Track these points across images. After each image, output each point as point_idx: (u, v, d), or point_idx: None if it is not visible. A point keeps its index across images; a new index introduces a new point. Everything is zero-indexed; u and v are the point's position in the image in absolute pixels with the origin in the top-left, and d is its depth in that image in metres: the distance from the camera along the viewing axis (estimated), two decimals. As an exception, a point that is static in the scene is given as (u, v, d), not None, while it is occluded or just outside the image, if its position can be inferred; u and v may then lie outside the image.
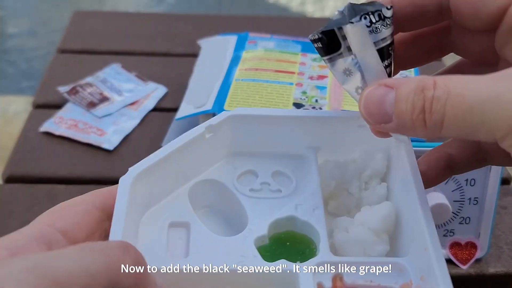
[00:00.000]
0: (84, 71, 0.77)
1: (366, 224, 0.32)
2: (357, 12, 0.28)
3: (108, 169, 0.64)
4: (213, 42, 0.75)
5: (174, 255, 0.30)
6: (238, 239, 0.31)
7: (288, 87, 0.64)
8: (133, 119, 0.71)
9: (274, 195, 0.34)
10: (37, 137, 0.68)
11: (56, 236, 0.28)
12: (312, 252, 0.31)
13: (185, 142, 0.32)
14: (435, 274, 0.28)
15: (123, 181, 0.30)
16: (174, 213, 0.32)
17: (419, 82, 0.26)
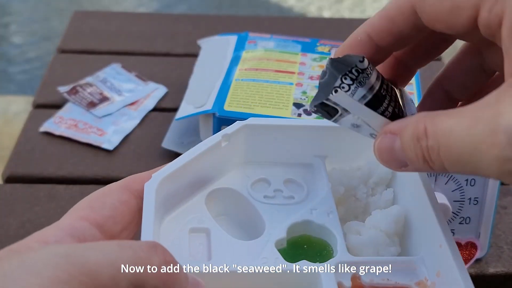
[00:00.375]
0: (84, 71, 0.77)
1: (378, 226, 0.33)
2: (338, 71, 0.29)
3: (108, 169, 0.64)
4: (213, 42, 0.75)
5: (197, 260, 0.31)
6: (258, 243, 0.32)
7: (288, 87, 0.64)
8: (133, 119, 0.71)
9: (288, 201, 0.35)
10: (37, 137, 0.68)
11: (91, 231, 0.28)
12: (329, 254, 0.32)
13: (203, 150, 0.33)
14: (453, 268, 0.29)
15: (148, 186, 0.30)
16: (193, 219, 0.33)
17: (414, 129, 0.27)
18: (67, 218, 0.29)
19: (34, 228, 0.57)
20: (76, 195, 0.60)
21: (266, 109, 0.60)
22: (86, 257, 0.23)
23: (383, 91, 0.30)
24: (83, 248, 0.24)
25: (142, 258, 0.24)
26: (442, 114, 0.26)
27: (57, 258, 0.23)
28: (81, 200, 0.30)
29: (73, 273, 0.22)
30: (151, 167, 0.67)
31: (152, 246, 0.25)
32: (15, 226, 0.57)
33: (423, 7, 0.28)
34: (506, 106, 0.24)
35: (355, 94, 0.29)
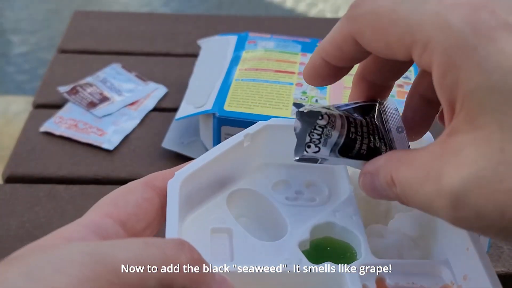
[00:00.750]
0: (84, 71, 0.77)
1: (401, 230, 0.33)
2: (305, 127, 0.31)
3: (108, 169, 0.64)
4: (213, 42, 0.75)
5: (219, 260, 0.31)
6: (281, 244, 0.32)
7: (288, 87, 0.64)
8: (133, 119, 0.71)
9: (310, 203, 0.34)
10: (37, 137, 0.68)
11: (115, 228, 0.28)
12: (353, 256, 0.32)
13: (225, 149, 0.33)
14: (481, 272, 0.29)
15: (171, 184, 0.30)
16: (215, 219, 0.33)
17: (384, 176, 0.29)
18: (90, 215, 0.29)
19: (34, 228, 0.57)
20: (76, 195, 0.60)
21: (266, 109, 0.60)
22: (113, 255, 0.23)
23: (351, 134, 0.31)
24: (109, 246, 0.23)
25: (170, 256, 0.24)
26: (403, 163, 0.27)
27: (84, 256, 0.22)
28: (104, 197, 0.30)
29: (100, 271, 0.22)
30: (151, 167, 0.67)
31: (179, 244, 0.25)
32: (15, 226, 0.57)
33: (362, 41, 0.29)
34: (446, 164, 0.25)
35: (326, 147, 0.31)
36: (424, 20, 0.26)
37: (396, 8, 0.27)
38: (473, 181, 0.24)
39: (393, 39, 0.27)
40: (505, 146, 0.23)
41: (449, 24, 0.25)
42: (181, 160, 0.64)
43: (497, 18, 0.25)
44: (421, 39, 0.26)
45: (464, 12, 0.25)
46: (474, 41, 0.24)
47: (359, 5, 0.29)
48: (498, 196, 0.23)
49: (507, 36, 0.24)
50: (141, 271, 0.23)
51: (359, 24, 0.28)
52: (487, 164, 0.23)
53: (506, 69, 0.24)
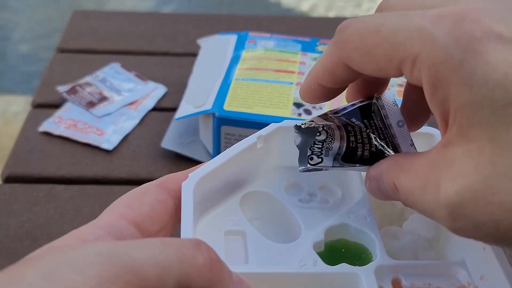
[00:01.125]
0: (83, 71, 0.77)
1: (416, 231, 0.33)
2: (306, 141, 0.32)
3: (107, 169, 0.64)
4: (213, 42, 0.75)
5: (234, 262, 0.30)
6: (296, 245, 0.31)
7: (288, 86, 0.63)
8: (132, 118, 0.70)
9: (323, 205, 0.34)
10: (36, 137, 0.67)
11: (130, 229, 0.28)
12: (368, 257, 0.32)
13: (238, 151, 0.33)
14: (498, 271, 0.28)
15: (185, 186, 0.30)
16: (229, 221, 0.32)
17: (387, 182, 0.29)
18: (105, 216, 0.28)
19: (33, 228, 0.57)
20: (75, 195, 0.60)
21: (266, 108, 0.60)
22: (131, 255, 0.22)
23: (352, 144, 0.31)
24: (127, 246, 0.23)
25: (188, 256, 0.24)
26: (404, 170, 0.28)
27: (102, 256, 0.22)
28: (119, 198, 0.30)
29: (118, 271, 0.22)
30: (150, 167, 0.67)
31: (197, 243, 0.24)
32: (14, 226, 0.57)
33: (352, 65, 0.29)
34: (442, 175, 0.25)
35: (328, 157, 0.31)
36: (409, 36, 0.26)
37: (380, 28, 0.27)
38: (468, 193, 0.24)
39: (382, 60, 0.27)
40: (496, 159, 0.23)
41: (433, 38, 0.25)
42: (181, 160, 0.64)
43: (481, 28, 0.25)
44: (409, 57, 0.26)
45: (448, 25, 0.25)
46: (460, 55, 0.24)
47: (345, 29, 0.29)
48: (492, 209, 0.23)
49: (493, 47, 0.24)
50: (159, 271, 0.23)
51: (347, 49, 0.28)
52: (479, 177, 0.24)
53: (493, 82, 0.24)
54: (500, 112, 0.23)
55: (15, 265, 0.22)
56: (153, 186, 0.30)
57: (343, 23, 0.29)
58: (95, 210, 0.59)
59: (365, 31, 0.27)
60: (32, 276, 0.21)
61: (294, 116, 0.60)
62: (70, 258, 0.22)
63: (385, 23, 0.27)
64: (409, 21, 0.26)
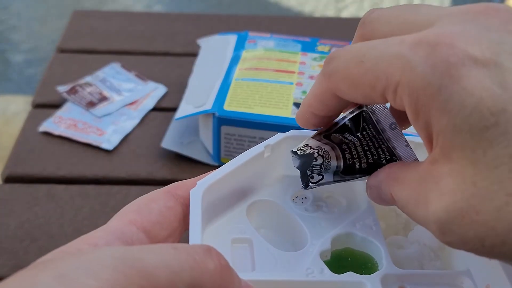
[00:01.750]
0: (83, 71, 0.77)
1: (421, 241, 0.33)
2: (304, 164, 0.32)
3: (107, 169, 0.64)
4: (213, 42, 0.75)
5: (240, 270, 0.30)
6: (303, 254, 0.32)
7: (288, 86, 0.63)
8: (132, 118, 0.70)
9: (330, 215, 0.34)
10: (36, 137, 0.67)
11: (139, 235, 0.28)
12: (374, 266, 0.32)
13: (246, 160, 0.33)
14: (504, 280, 0.29)
15: (194, 193, 0.30)
16: (235, 229, 0.33)
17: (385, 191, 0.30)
18: (115, 222, 0.29)
19: (33, 228, 0.57)
20: (75, 195, 0.60)
21: (266, 109, 0.60)
22: (143, 259, 0.23)
23: (348, 161, 0.32)
24: (139, 251, 0.23)
25: (198, 261, 0.24)
26: (398, 182, 0.29)
27: (115, 260, 0.22)
28: (128, 205, 0.30)
29: (131, 276, 0.22)
30: (150, 167, 0.67)
31: (207, 249, 0.25)
32: (14, 226, 0.57)
33: (341, 95, 0.30)
34: (430, 191, 0.26)
35: (328, 173, 0.32)
36: (389, 65, 0.27)
37: (363, 58, 0.28)
38: (453, 211, 0.25)
39: (367, 89, 0.28)
40: (476, 180, 0.24)
41: (411, 65, 0.26)
42: (181, 160, 0.64)
43: (456, 53, 0.25)
44: (390, 85, 0.27)
45: (424, 51, 0.26)
46: (437, 81, 0.25)
47: (332, 61, 0.30)
48: (476, 227, 0.24)
49: (468, 71, 0.25)
50: (171, 276, 0.23)
51: (334, 80, 0.29)
52: (463, 196, 0.25)
53: (470, 107, 0.24)
54: (477, 135, 0.24)
55: (26, 269, 0.22)
56: (162, 193, 0.31)
57: (330, 54, 0.30)
58: (95, 210, 0.59)
59: (349, 62, 0.28)
60: (47, 279, 0.21)
61: (294, 116, 0.60)
62: (83, 262, 0.22)
63: (368, 53, 0.28)
64: (389, 49, 0.27)
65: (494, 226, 0.24)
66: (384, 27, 0.30)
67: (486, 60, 0.25)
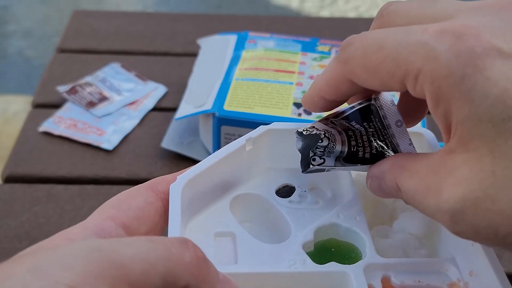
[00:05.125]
0: (83, 71, 0.77)
1: (406, 229, 0.33)
2: (308, 145, 0.32)
3: (107, 169, 0.64)
4: (213, 42, 0.75)
5: (223, 263, 0.31)
6: (285, 246, 0.32)
7: (288, 86, 0.63)
8: (132, 118, 0.70)
9: (314, 206, 0.34)
10: (36, 137, 0.67)
11: (118, 231, 0.28)
12: (358, 256, 0.32)
13: (227, 153, 0.33)
14: (487, 266, 0.29)
15: (173, 188, 0.30)
16: (218, 223, 0.33)
17: (389, 182, 0.30)
18: (94, 217, 0.29)
19: (33, 228, 0.57)
20: (75, 195, 0.60)
21: (266, 108, 0.60)
22: (118, 251, 0.23)
23: (353, 148, 0.32)
24: (115, 243, 0.24)
25: (174, 253, 0.24)
26: (406, 170, 0.29)
27: (88, 252, 0.22)
28: (108, 201, 0.30)
29: (105, 267, 0.22)
30: (150, 167, 0.67)
31: (184, 241, 0.25)
32: (14, 226, 0.57)
33: (357, 81, 0.30)
34: (443, 180, 0.26)
35: (330, 158, 0.32)
36: (412, 52, 0.26)
37: (383, 44, 0.27)
38: (469, 200, 0.25)
39: (386, 76, 0.28)
40: (496, 170, 0.24)
41: (435, 54, 0.26)
42: (181, 160, 0.64)
43: (481, 43, 0.25)
44: (411, 72, 0.26)
45: (449, 40, 0.26)
46: (461, 70, 0.25)
47: (349, 46, 0.29)
48: (491, 216, 0.24)
49: (493, 62, 0.25)
50: (145, 267, 0.23)
51: (351, 66, 0.29)
52: (480, 185, 0.25)
53: (493, 97, 0.24)
54: (499, 126, 0.24)
55: (4, 263, 0.23)
56: (142, 188, 0.31)
57: (347, 39, 0.30)
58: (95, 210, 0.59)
59: (368, 47, 0.28)
60: (21, 272, 0.21)
61: (294, 116, 0.60)
62: (59, 254, 0.22)
63: (388, 39, 0.27)
64: (411, 37, 0.27)
65: (511, 215, 0.24)
66: (402, 19, 0.29)
67: (510, 52, 0.25)
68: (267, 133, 0.35)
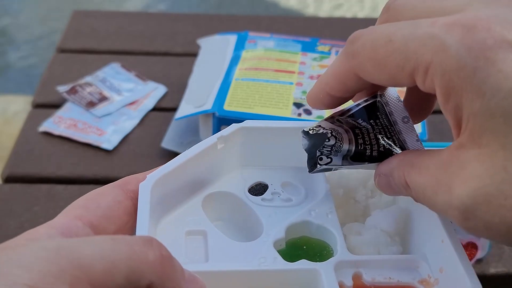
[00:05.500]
0: (83, 71, 0.77)
1: (378, 226, 0.33)
2: (315, 144, 0.32)
3: (107, 169, 0.64)
4: (213, 42, 0.75)
5: (194, 261, 0.31)
6: (256, 244, 0.32)
7: (288, 86, 0.63)
8: (132, 118, 0.70)
9: (286, 204, 0.34)
10: (36, 137, 0.67)
11: (85, 230, 0.28)
12: (329, 254, 0.32)
13: (198, 152, 0.33)
14: (456, 263, 0.29)
15: (143, 187, 0.30)
16: (190, 222, 0.33)
17: (398, 178, 0.29)
18: (61, 217, 0.28)
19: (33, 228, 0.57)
20: (75, 195, 0.60)
21: (266, 108, 0.60)
22: (78, 251, 0.23)
23: (360, 146, 0.32)
24: (75, 242, 0.23)
25: (137, 252, 0.24)
26: (415, 167, 0.28)
27: (48, 251, 0.22)
28: (76, 200, 0.30)
29: (64, 266, 0.22)
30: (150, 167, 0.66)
31: (148, 240, 0.25)
32: (14, 226, 0.57)
33: (364, 76, 0.29)
34: (454, 176, 0.26)
35: (337, 157, 0.32)
36: (421, 45, 0.26)
37: (392, 37, 0.27)
38: (480, 196, 0.25)
39: (394, 70, 0.27)
40: (508, 165, 0.24)
41: (445, 46, 0.25)
42: (181, 160, 0.64)
43: (493, 36, 0.25)
44: (421, 65, 0.26)
45: (459, 33, 0.25)
46: (472, 63, 0.25)
47: (356, 40, 0.29)
48: (504, 212, 0.24)
49: (505, 55, 0.24)
50: (107, 266, 0.23)
51: (359, 59, 0.29)
52: (492, 181, 0.24)
53: (505, 91, 0.24)
54: (511, 120, 0.24)
55: None
56: (111, 187, 0.31)
57: (354, 33, 0.29)
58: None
59: (376, 41, 0.28)
60: None
61: (294, 116, 0.60)
62: (17, 254, 0.22)
63: (396, 32, 0.27)
64: (420, 30, 0.26)
65: None
66: (409, 13, 0.29)
67: None
68: (240, 131, 0.35)
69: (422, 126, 0.61)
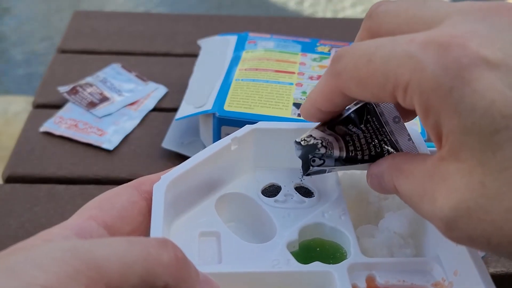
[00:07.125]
0: (84, 71, 0.77)
1: (392, 228, 0.33)
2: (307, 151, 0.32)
3: (108, 169, 0.64)
4: (213, 42, 0.75)
5: (207, 263, 0.31)
6: (270, 245, 0.32)
7: (288, 87, 0.64)
8: (133, 119, 0.71)
9: (299, 205, 0.34)
10: (37, 137, 0.67)
11: (99, 231, 0.28)
12: (342, 256, 0.32)
13: (212, 153, 0.33)
14: (470, 266, 0.29)
15: (157, 188, 0.30)
16: (203, 223, 0.33)
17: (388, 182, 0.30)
18: (75, 218, 0.29)
19: (33, 228, 0.57)
20: (76, 195, 0.60)
21: (266, 109, 0.60)
22: (94, 252, 0.23)
23: (351, 153, 0.32)
24: (90, 243, 0.23)
25: (153, 254, 0.24)
26: (403, 173, 0.29)
27: (64, 252, 0.22)
28: (91, 201, 0.30)
29: (80, 268, 0.22)
30: (151, 167, 0.67)
31: (163, 242, 0.25)
32: (14, 226, 0.57)
33: (349, 94, 0.30)
34: (437, 187, 0.26)
35: (330, 159, 0.32)
36: (399, 65, 0.26)
37: (372, 57, 0.28)
38: (461, 210, 0.25)
39: (376, 89, 0.28)
40: (485, 180, 0.25)
41: (422, 66, 0.26)
42: (181, 160, 0.64)
43: (468, 54, 0.25)
44: (400, 85, 0.26)
45: (435, 52, 0.25)
46: (448, 83, 0.25)
47: (339, 59, 0.29)
48: (483, 226, 0.25)
49: (480, 73, 0.25)
50: (123, 268, 0.23)
51: (342, 79, 0.29)
52: (471, 195, 0.25)
53: (481, 110, 0.24)
54: (487, 138, 0.24)
55: None
56: (126, 188, 0.31)
57: (337, 52, 0.30)
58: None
59: (358, 61, 0.28)
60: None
61: (294, 116, 0.60)
62: (33, 255, 0.22)
63: (376, 52, 0.27)
64: (399, 48, 0.27)
65: (502, 226, 0.24)
66: (391, 21, 0.30)
67: (498, 62, 0.25)
68: (253, 133, 0.35)
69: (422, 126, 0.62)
